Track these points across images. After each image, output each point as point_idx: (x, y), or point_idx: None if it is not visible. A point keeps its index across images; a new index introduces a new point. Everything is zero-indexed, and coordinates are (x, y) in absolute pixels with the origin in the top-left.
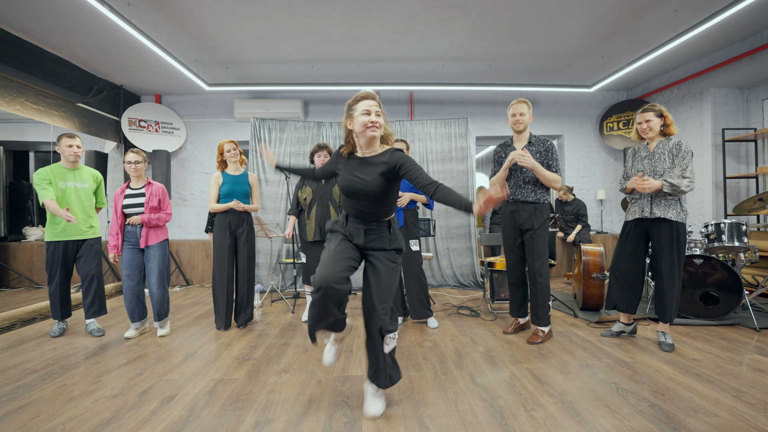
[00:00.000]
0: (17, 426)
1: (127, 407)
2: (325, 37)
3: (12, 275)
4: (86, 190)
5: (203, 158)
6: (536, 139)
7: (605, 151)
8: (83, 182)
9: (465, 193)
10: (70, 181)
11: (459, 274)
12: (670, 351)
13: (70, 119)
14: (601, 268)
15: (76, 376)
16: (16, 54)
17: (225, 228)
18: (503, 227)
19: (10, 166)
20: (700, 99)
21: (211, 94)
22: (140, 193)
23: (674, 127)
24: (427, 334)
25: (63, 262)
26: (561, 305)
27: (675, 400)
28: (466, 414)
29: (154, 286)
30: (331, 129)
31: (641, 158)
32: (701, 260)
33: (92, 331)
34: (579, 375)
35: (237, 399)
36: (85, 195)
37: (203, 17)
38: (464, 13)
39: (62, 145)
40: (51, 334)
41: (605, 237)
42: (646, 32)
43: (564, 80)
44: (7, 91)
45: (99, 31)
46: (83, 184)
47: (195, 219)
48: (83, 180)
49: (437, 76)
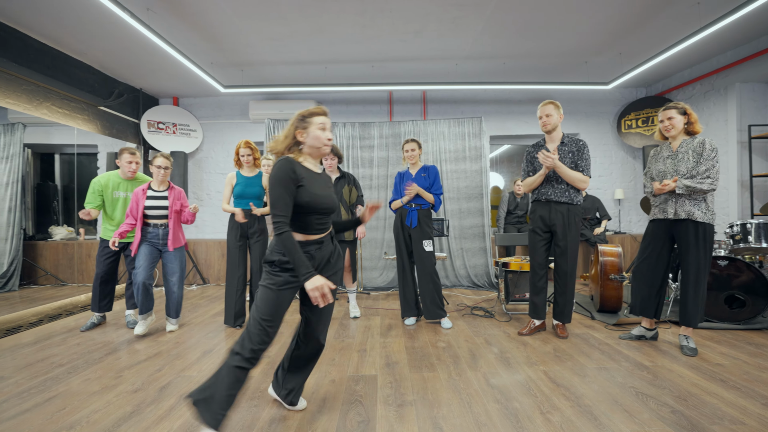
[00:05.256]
0: (46, 417)
1: (147, 402)
2: (338, 37)
3: (39, 273)
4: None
5: (219, 159)
6: (569, 139)
7: (623, 149)
8: None
9: (478, 193)
10: (122, 191)
11: (473, 274)
12: (693, 355)
13: (92, 122)
14: (620, 269)
15: (99, 370)
16: (43, 60)
17: (237, 228)
18: (532, 227)
19: (38, 167)
20: (725, 95)
21: (227, 96)
22: (163, 196)
23: (699, 125)
24: (440, 335)
25: (110, 259)
26: (578, 307)
27: (698, 406)
28: (480, 416)
29: (176, 285)
30: (344, 129)
31: (663, 158)
32: (726, 262)
33: (128, 323)
34: (596, 378)
35: (252, 396)
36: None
37: (219, 20)
38: (478, 11)
39: (123, 160)
40: (81, 329)
41: (623, 237)
42: (666, 27)
43: (580, 77)
44: (34, 96)
45: (120, 36)
46: None
47: (211, 219)
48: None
49: (450, 75)
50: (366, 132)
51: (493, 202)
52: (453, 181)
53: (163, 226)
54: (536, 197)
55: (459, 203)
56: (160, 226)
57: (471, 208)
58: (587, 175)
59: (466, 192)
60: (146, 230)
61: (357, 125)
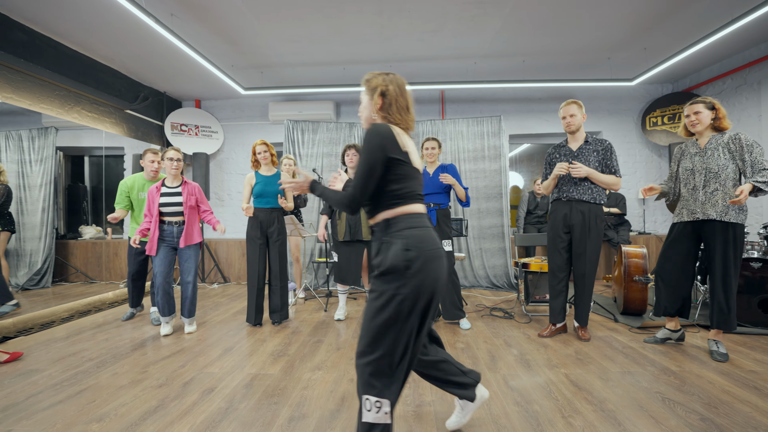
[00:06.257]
0: (77, 408)
1: (171, 397)
2: (356, 38)
3: (70, 270)
4: None
5: (239, 160)
6: (593, 138)
7: (648, 147)
8: None
9: (497, 192)
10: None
11: (492, 275)
12: (724, 361)
13: (119, 125)
14: (644, 270)
15: (125, 365)
16: (75, 66)
17: (256, 227)
18: (551, 227)
19: (68, 169)
20: (758, 89)
21: (247, 98)
22: (177, 192)
23: (727, 121)
24: (459, 336)
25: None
26: (600, 309)
27: (730, 414)
28: (500, 418)
29: (191, 284)
30: (363, 129)
31: (691, 155)
32: (760, 264)
33: (153, 320)
34: (620, 382)
35: (272, 393)
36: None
37: (239, 24)
38: (497, 8)
39: (146, 160)
40: (122, 318)
41: (648, 238)
42: (694, 20)
43: (602, 74)
44: (66, 101)
45: (145, 42)
46: None
47: (232, 219)
48: None
49: (469, 74)
50: None
51: (513, 202)
52: (472, 181)
53: (178, 223)
54: (557, 196)
55: (478, 203)
56: (175, 224)
57: (490, 208)
58: (618, 176)
59: (485, 192)
60: (162, 227)
61: None
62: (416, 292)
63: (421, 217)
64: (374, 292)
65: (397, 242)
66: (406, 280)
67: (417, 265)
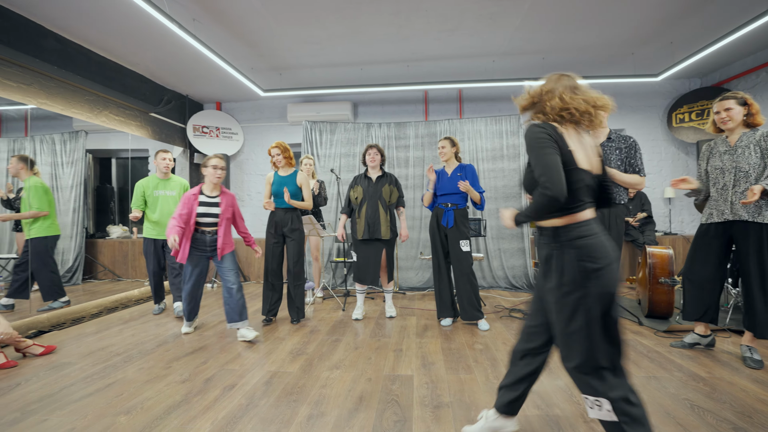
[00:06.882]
0: (106, 401)
1: (194, 392)
2: (374, 38)
3: (99, 268)
4: (174, 197)
5: (259, 161)
6: (616, 135)
7: (674, 144)
8: (172, 190)
9: (516, 192)
10: (161, 190)
11: (511, 275)
12: (758, 368)
13: (144, 128)
14: (670, 272)
15: (150, 360)
16: (103, 71)
17: (272, 226)
18: None
19: (97, 171)
20: None
21: (266, 100)
22: (215, 203)
23: (761, 116)
24: (477, 337)
25: (154, 255)
26: (623, 311)
27: (766, 425)
28: (520, 421)
29: (238, 292)
30: (380, 129)
31: (720, 154)
32: None
33: (177, 313)
34: (646, 388)
35: (291, 391)
36: (173, 201)
37: (258, 26)
38: (516, 5)
39: (158, 158)
40: (153, 312)
41: (674, 239)
42: (725, 11)
43: (626, 70)
44: (95, 105)
45: (168, 46)
46: (172, 192)
47: (252, 219)
48: (172, 188)
49: (487, 73)
50: (401, 132)
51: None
52: (490, 180)
53: (211, 233)
54: None
55: (496, 203)
56: (209, 233)
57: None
58: (643, 175)
59: (504, 191)
60: (195, 236)
61: (392, 125)
62: (597, 299)
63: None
64: (557, 304)
65: (570, 252)
66: (586, 290)
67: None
